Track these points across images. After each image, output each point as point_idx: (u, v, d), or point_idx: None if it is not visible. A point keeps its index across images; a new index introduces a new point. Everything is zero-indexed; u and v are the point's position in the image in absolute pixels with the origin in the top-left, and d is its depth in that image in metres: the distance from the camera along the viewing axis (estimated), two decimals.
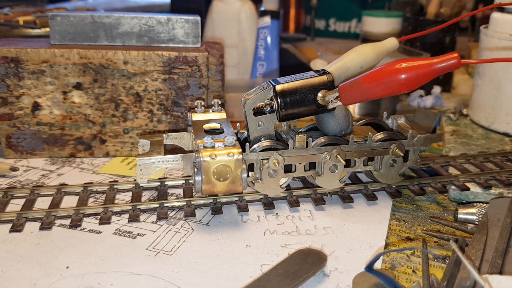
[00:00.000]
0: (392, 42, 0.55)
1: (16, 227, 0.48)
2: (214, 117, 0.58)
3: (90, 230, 0.49)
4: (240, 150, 0.48)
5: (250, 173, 0.53)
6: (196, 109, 0.59)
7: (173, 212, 0.52)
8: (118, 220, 0.50)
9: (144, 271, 0.43)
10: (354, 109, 0.84)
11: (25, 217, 0.50)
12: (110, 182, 0.58)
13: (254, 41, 0.98)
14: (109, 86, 0.63)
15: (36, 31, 0.89)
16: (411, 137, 0.55)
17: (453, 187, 0.58)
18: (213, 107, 0.59)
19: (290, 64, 1.05)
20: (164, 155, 0.52)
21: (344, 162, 0.53)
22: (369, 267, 0.40)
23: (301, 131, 0.58)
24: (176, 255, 0.45)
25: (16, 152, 0.65)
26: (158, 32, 0.65)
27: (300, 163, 0.53)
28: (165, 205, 0.53)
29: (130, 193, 0.56)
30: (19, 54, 0.60)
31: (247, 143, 0.52)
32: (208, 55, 0.64)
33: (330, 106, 0.51)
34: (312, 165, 0.55)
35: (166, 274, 0.42)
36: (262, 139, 0.54)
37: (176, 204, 0.53)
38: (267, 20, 0.96)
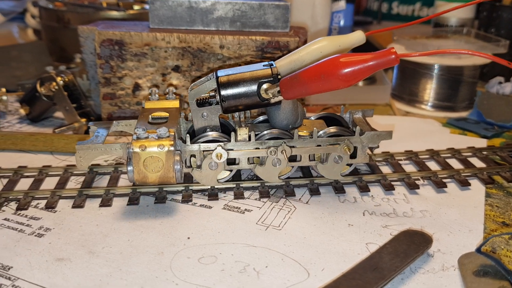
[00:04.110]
0: (357, 36, 0.52)
1: (133, 201, 0.52)
2: (167, 105, 0.56)
3: (201, 205, 0.52)
4: (172, 142, 0.47)
5: (193, 159, 0.52)
6: (150, 96, 0.58)
7: (273, 191, 0.55)
8: (225, 197, 0.54)
9: (259, 244, 0.46)
10: (430, 93, 0.84)
11: (139, 192, 0.54)
12: None
13: (328, 25, 0.99)
14: (205, 69, 0.66)
15: (120, 14, 0.93)
16: (359, 134, 0.54)
17: None
18: (167, 95, 0.58)
19: (362, 49, 1.05)
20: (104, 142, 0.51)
21: (287, 160, 0.52)
22: (479, 249, 0.41)
23: (250, 124, 0.57)
24: (284, 230, 0.48)
25: None
26: (250, 17, 0.68)
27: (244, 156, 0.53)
28: (266, 184, 0.56)
29: None
30: (123, 37, 0.64)
31: (187, 134, 0.52)
32: (299, 40, 0.66)
33: (273, 100, 0.51)
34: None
35: (279, 247, 0.45)
36: (208, 130, 0.53)
37: (274, 184, 0.56)
38: (342, 4, 0.97)
